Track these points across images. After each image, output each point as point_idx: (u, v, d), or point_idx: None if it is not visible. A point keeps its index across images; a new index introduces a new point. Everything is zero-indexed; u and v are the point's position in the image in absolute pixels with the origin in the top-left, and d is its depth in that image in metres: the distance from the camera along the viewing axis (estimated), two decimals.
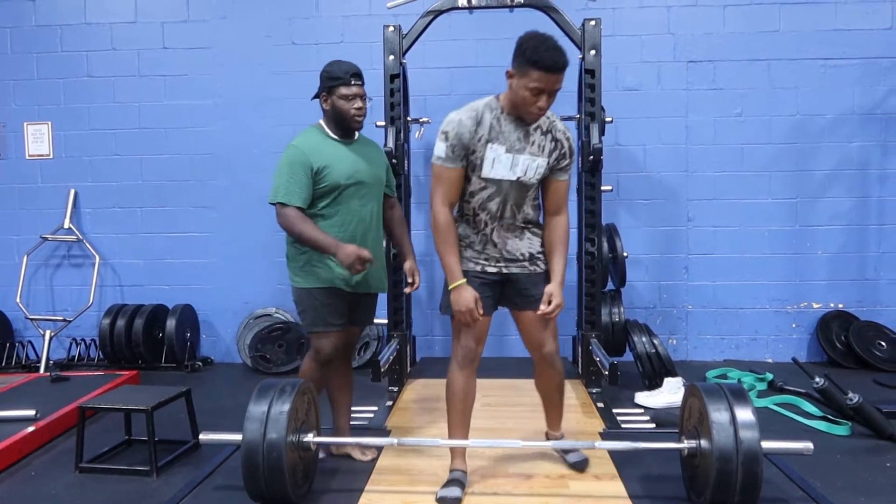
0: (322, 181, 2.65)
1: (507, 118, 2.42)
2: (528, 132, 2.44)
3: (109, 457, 3.07)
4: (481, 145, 2.41)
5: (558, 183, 2.55)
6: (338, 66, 2.74)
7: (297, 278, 2.77)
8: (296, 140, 2.72)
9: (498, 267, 2.56)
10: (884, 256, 4.71)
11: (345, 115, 2.71)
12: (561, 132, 2.51)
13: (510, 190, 2.48)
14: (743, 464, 2.15)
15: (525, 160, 2.44)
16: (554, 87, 2.30)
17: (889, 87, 4.63)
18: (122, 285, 4.99)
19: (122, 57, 4.88)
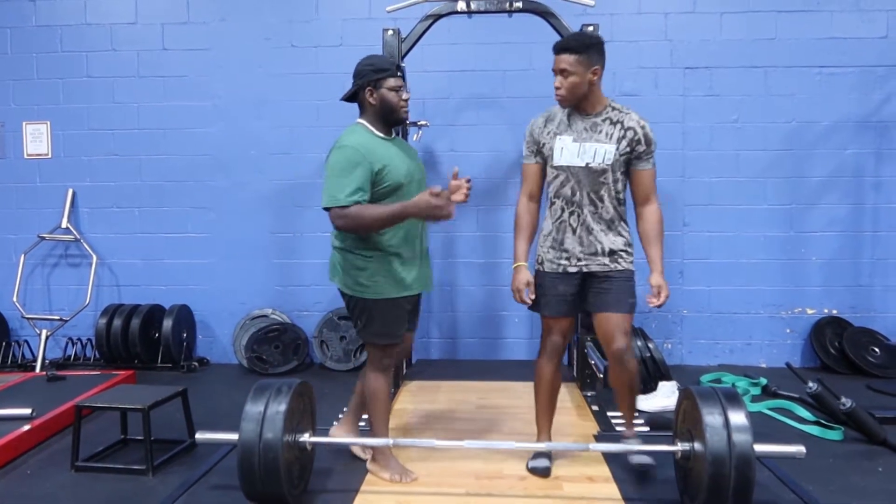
0: (383, 181, 2.53)
1: (577, 114, 2.67)
2: (595, 123, 2.65)
3: (105, 456, 3.08)
4: (550, 138, 2.68)
5: (641, 172, 2.67)
6: (380, 59, 2.67)
7: (360, 288, 2.61)
8: (346, 140, 2.56)
9: (578, 266, 2.69)
10: (878, 263, 4.74)
11: (394, 107, 2.62)
12: (635, 122, 2.65)
13: (581, 176, 2.64)
14: (736, 467, 2.17)
15: (591, 147, 2.62)
16: (559, 67, 2.57)
17: (884, 96, 4.66)
18: (120, 285, 4.99)
19: (122, 58, 4.89)
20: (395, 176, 2.55)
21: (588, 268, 2.69)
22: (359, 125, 2.67)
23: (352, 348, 4.71)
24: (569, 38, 2.62)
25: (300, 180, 4.88)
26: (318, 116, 4.85)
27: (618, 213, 2.69)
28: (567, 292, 2.72)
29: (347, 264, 2.64)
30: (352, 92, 2.67)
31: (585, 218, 2.67)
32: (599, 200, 2.66)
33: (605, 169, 2.61)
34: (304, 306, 4.93)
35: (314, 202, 4.88)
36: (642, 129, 2.64)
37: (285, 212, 4.90)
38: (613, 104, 2.70)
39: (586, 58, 2.57)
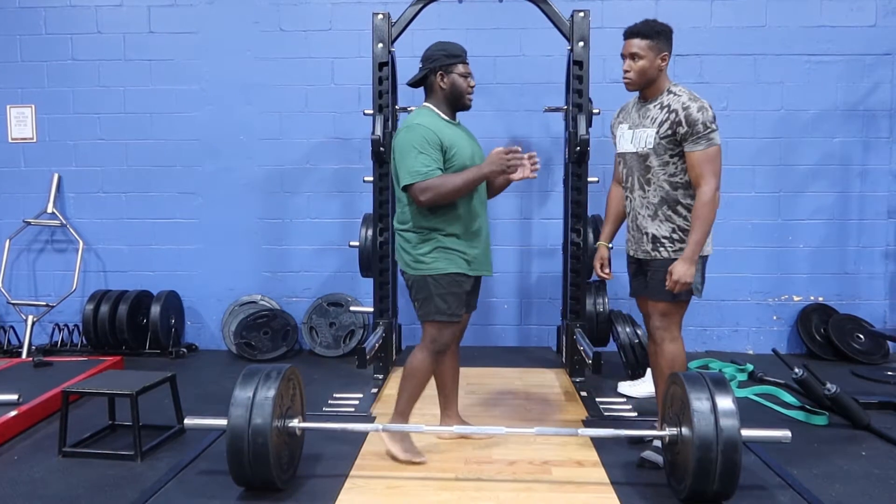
0: (451, 161, 2.63)
1: (639, 102, 2.78)
2: (648, 109, 2.71)
3: (93, 441, 3.07)
4: (616, 127, 2.87)
5: (687, 155, 2.62)
6: (451, 45, 2.74)
7: (420, 265, 2.67)
8: (416, 119, 2.66)
9: (634, 249, 2.82)
10: (863, 251, 4.78)
11: (463, 92, 2.71)
12: (679, 104, 2.60)
13: (633, 162, 2.74)
14: (723, 452, 2.19)
15: (641, 132, 2.70)
16: (629, 51, 2.67)
17: (871, 84, 4.69)
18: (106, 271, 4.95)
19: (108, 40, 4.82)
20: (461, 158, 2.65)
21: (636, 253, 2.80)
22: (426, 108, 2.76)
23: (341, 334, 4.70)
24: (640, 24, 2.71)
25: (289, 166, 4.85)
26: (308, 102, 4.82)
27: (671, 198, 2.67)
28: (632, 273, 2.89)
29: (408, 243, 2.70)
30: (422, 75, 2.74)
31: (635, 202, 2.78)
32: (647, 184, 2.71)
33: (648, 153, 2.66)
34: (293, 292, 4.92)
35: (303, 188, 4.88)
36: (685, 111, 2.57)
37: (274, 197, 4.87)
38: (672, 88, 2.69)
39: (656, 43, 2.66)
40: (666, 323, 2.72)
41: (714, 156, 2.58)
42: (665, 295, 2.67)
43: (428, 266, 2.66)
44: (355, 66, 4.73)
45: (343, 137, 4.83)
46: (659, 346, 2.76)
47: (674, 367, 2.69)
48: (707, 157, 2.57)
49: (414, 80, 2.78)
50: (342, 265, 4.87)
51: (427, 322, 2.72)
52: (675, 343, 2.74)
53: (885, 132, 4.73)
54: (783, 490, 2.51)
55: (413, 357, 2.76)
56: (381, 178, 3.99)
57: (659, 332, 2.75)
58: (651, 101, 2.71)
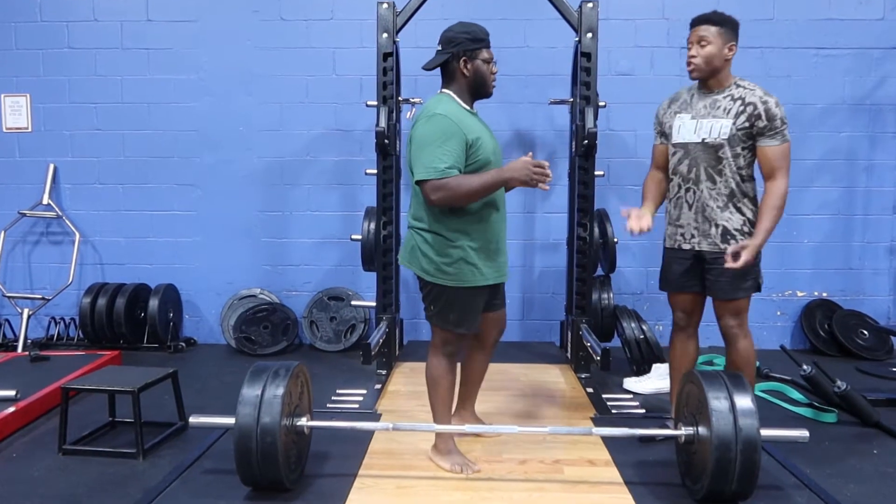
0: (475, 155, 2.42)
1: (700, 93, 2.75)
2: (716, 100, 2.68)
3: (93, 439, 3.01)
4: (671, 117, 2.80)
5: (762, 149, 2.62)
6: (474, 27, 2.52)
7: (441, 275, 2.47)
8: (437, 108, 2.42)
9: (691, 243, 2.76)
10: (868, 246, 4.76)
11: (486, 79, 2.53)
12: (757, 97, 2.62)
13: (698, 153, 2.70)
14: (742, 452, 2.16)
15: (708, 123, 2.66)
16: (698, 35, 2.66)
17: (879, 78, 4.65)
18: (103, 263, 4.87)
19: (104, 28, 4.72)
20: (485, 151, 2.46)
21: (699, 246, 2.74)
22: (445, 95, 2.54)
23: (342, 329, 4.64)
24: (710, 12, 2.69)
25: (289, 158, 4.78)
26: (308, 93, 4.74)
27: (740, 190, 2.68)
28: (680, 269, 2.82)
29: (429, 248, 2.49)
30: (443, 60, 2.52)
31: (702, 194, 2.72)
32: (719, 175, 2.68)
33: (722, 144, 2.63)
34: (293, 286, 4.85)
35: (304, 180, 4.81)
36: (764, 105, 2.59)
37: (274, 190, 4.80)
38: (740, 82, 2.71)
39: (725, 31, 2.65)
40: (739, 320, 2.74)
41: (787, 152, 2.63)
42: (741, 292, 2.68)
43: (450, 278, 2.47)
44: (357, 57, 4.65)
45: (344, 129, 4.76)
46: (734, 344, 2.75)
47: (750, 362, 2.75)
48: (783, 153, 2.61)
49: (434, 64, 2.53)
50: (343, 259, 4.81)
51: (439, 328, 2.59)
52: (748, 339, 2.77)
53: (891, 127, 4.69)
54: (799, 490, 2.48)
55: (429, 365, 2.62)
56: (385, 171, 3.92)
57: (733, 330, 2.74)
58: (718, 93, 2.68)
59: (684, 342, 2.93)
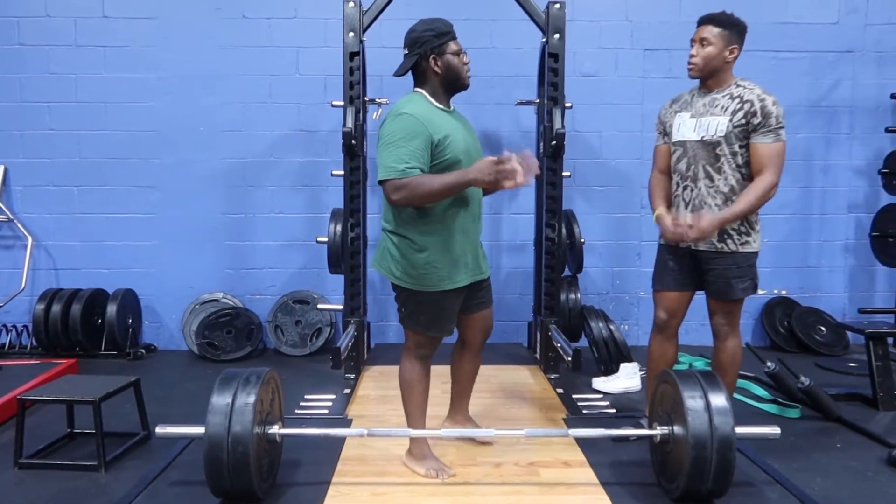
0: (444, 154, 2.35)
1: (700, 92, 2.77)
2: (715, 99, 2.70)
3: (51, 451, 2.89)
4: (671, 116, 2.82)
5: (756, 146, 2.62)
6: (436, 22, 2.44)
7: (409, 279, 2.42)
8: (405, 108, 2.35)
9: (687, 241, 2.71)
10: (825, 245, 4.89)
11: (459, 72, 2.44)
12: (755, 95, 2.63)
13: (697, 150, 2.70)
14: (717, 450, 2.18)
15: (706, 120, 2.68)
16: (700, 36, 2.68)
17: (833, 81, 4.78)
18: (58, 269, 4.70)
19: (58, 25, 4.55)
20: (454, 149, 2.38)
21: (696, 245, 2.73)
22: (416, 94, 2.47)
23: (308, 333, 4.57)
24: (719, 13, 2.70)
25: (252, 159, 4.68)
26: (271, 92, 4.65)
27: (740, 188, 2.67)
28: (674, 267, 2.82)
29: (397, 251, 2.44)
30: (412, 63, 2.45)
31: (700, 192, 2.72)
32: (718, 173, 2.68)
33: (719, 141, 2.64)
34: (257, 290, 4.76)
35: (267, 181, 4.72)
36: (760, 102, 2.61)
37: (237, 191, 4.70)
38: (741, 82, 2.72)
39: (728, 34, 2.67)
40: (731, 319, 2.77)
41: (781, 151, 2.62)
42: (738, 292, 2.70)
43: (417, 282, 2.43)
44: (322, 56, 4.59)
45: (309, 129, 4.68)
46: (723, 342, 2.78)
47: (735, 362, 2.79)
48: (775, 151, 2.61)
49: (404, 70, 2.48)
50: (308, 261, 4.73)
51: (410, 331, 2.54)
52: (738, 338, 2.81)
53: (845, 128, 4.83)
54: (771, 486, 2.52)
55: (402, 368, 2.58)
56: (352, 172, 3.87)
57: (724, 329, 2.77)
58: (717, 92, 2.70)
59: (663, 343, 2.93)
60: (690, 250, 2.77)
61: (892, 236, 4.37)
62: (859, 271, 4.92)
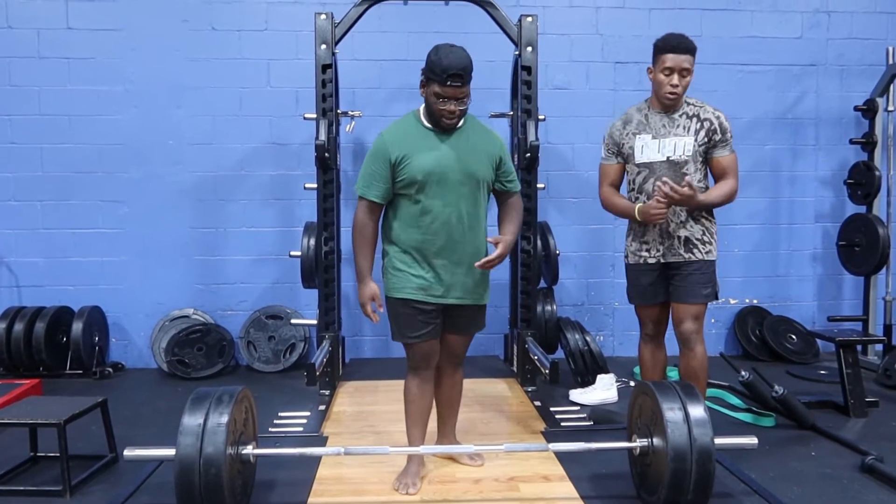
0: (401, 173, 2.45)
1: (654, 112, 2.82)
2: (673, 119, 2.78)
3: (13, 476, 2.79)
4: (630, 138, 2.83)
5: (717, 159, 2.79)
6: (442, 60, 2.35)
7: (384, 281, 2.58)
8: (390, 126, 2.55)
9: (656, 257, 2.84)
10: (793, 254, 4.96)
11: (434, 111, 2.44)
12: (710, 113, 2.79)
13: (663, 170, 2.76)
14: (697, 461, 2.17)
15: (671, 141, 2.75)
16: (682, 66, 2.69)
17: (799, 93, 4.88)
18: (20, 286, 4.56)
19: (20, 36, 4.44)
20: (411, 169, 2.43)
21: (665, 258, 2.83)
22: (413, 111, 2.57)
23: (281, 349, 4.49)
24: (688, 40, 2.74)
25: (223, 172, 4.61)
26: (242, 105, 4.59)
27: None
28: (648, 282, 2.90)
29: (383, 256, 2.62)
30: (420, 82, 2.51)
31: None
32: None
33: (686, 160, 2.75)
34: (228, 305, 4.67)
35: (238, 195, 4.65)
36: (717, 119, 2.78)
37: (207, 206, 4.62)
38: (688, 100, 2.83)
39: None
40: (698, 325, 2.84)
41: (736, 160, 2.83)
42: (701, 297, 2.80)
43: (386, 287, 2.56)
44: (293, 69, 4.55)
45: (280, 143, 4.63)
46: (692, 349, 2.85)
47: (705, 367, 2.87)
48: (733, 161, 2.82)
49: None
50: (280, 276, 4.67)
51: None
52: (704, 345, 2.90)
53: (811, 140, 4.92)
54: (749, 496, 2.52)
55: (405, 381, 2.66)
56: (326, 185, 3.83)
57: (693, 336, 2.84)
58: (674, 112, 2.79)
59: (653, 351, 3.04)
60: (660, 264, 2.86)
61: (857, 245, 4.46)
62: (827, 280, 5.00)
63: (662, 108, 2.80)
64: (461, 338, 2.68)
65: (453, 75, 2.35)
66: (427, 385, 2.61)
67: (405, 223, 2.51)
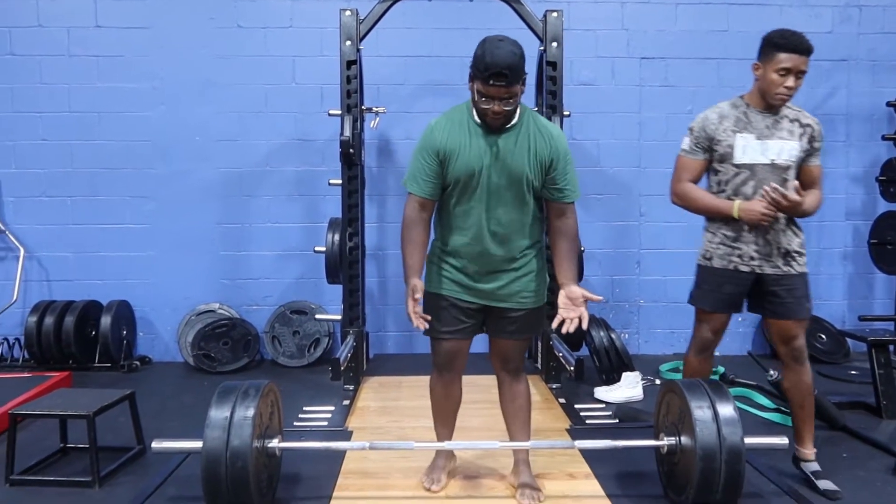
0: (448, 169, 2.28)
1: (754, 111, 2.59)
2: (776, 121, 2.57)
3: (44, 467, 2.83)
4: (728, 135, 2.57)
5: (811, 168, 2.62)
6: (486, 56, 2.12)
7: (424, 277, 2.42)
8: (436, 119, 2.34)
9: (751, 266, 2.58)
10: (823, 252, 4.87)
11: (477, 107, 2.23)
12: (810, 119, 2.61)
13: (766, 174, 2.55)
14: (726, 461, 2.14)
15: (776, 144, 2.55)
16: (800, 69, 2.48)
17: (829, 89, 4.79)
18: (50, 280, 4.64)
19: (50, 34, 4.51)
20: (455, 168, 2.26)
21: (761, 269, 2.59)
22: (466, 102, 2.33)
23: (305, 343, 4.52)
24: (806, 38, 2.51)
25: (248, 168, 4.64)
26: (267, 102, 4.62)
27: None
28: (733, 292, 2.64)
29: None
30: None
31: None
32: None
33: (789, 165, 2.56)
34: (254, 300, 4.70)
35: (264, 191, 4.68)
36: (817, 126, 2.61)
37: (233, 201, 4.65)
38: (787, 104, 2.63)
39: None
40: (804, 340, 2.63)
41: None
42: (806, 312, 2.61)
43: (426, 279, 2.41)
44: (318, 65, 4.57)
45: (305, 139, 4.65)
46: (804, 364, 2.64)
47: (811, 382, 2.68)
48: (821, 172, 2.67)
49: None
50: (305, 271, 4.69)
51: None
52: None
53: (841, 136, 4.83)
54: (779, 497, 2.48)
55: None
56: (350, 181, 3.84)
57: (803, 352, 2.62)
58: (774, 113, 2.58)
59: (703, 362, 2.79)
60: (755, 274, 2.61)
61: (890, 243, 4.37)
62: (858, 278, 4.91)
63: (765, 107, 2.57)
64: (510, 342, 2.46)
65: (496, 74, 2.11)
66: (453, 386, 2.51)
67: (448, 224, 2.37)
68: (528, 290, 2.42)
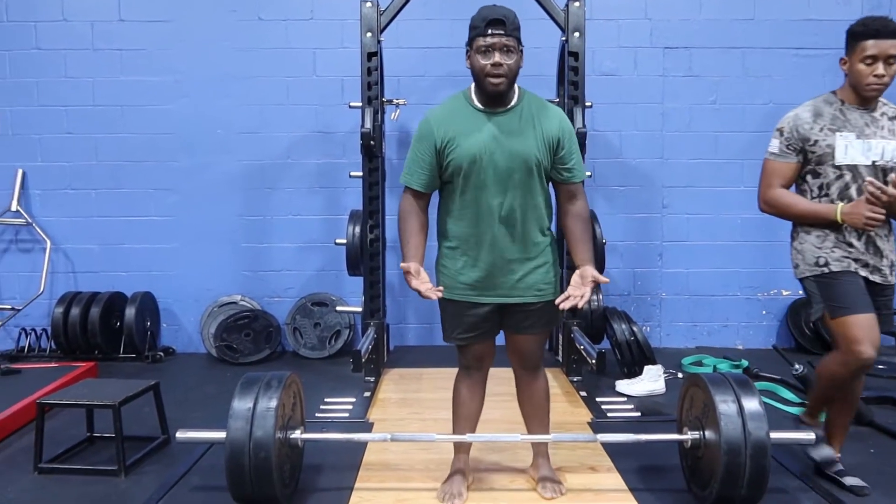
0: (449, 156, 2.20)
1: (850, 107, 2.41)
2: (875, 118, 2.40)
3: (71, 456, 2.88)
4: (826, 135, 2.38)
5: None
6: (481, 11, 2.15)
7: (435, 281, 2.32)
8: (432, 109, 2.28)
9: (866, 271, 2.40)
10: None
11: (479, 73, 2.14)
12: None
13: (868, 176, 2.34)
14: (751, 456, 2.11)
15: (878, 144, 2.37)
16: (889, 53, 2.29)
17: None
18: (76, 272, 4.70)
19: (74, 28, 4.56)
20: (457, 154, 2.19)
21: (872, 276, 2.40)
22: (463, 90, 2.28)
23: (326, 335, 4.54)
24: (891, 21, 2.32)
25: (270, 161, 4.66)
26: (289, 94, 4.63)
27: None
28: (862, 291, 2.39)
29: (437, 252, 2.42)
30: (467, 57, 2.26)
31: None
32: None
33: (893, 167, 2.36)
34: (275, 292, 4.73)
35: (285, 183, 4.69)
36: None
37: (254, 194, 4.68)
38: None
39: None
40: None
41: None
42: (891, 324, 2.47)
43: (437, 284, 2.32)
44: (338, 57, 4.57)
45: (326, 131, 4.66)
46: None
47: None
48: None
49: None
50: (326, 263, 4.71)
51: None
52: None
53: None
54: (805, 493, 2.45)
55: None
56: (371, 174, 3.84)
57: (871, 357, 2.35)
58: (870, 109, 2.40)
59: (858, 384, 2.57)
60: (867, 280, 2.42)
61: None
62: None
63: (861, 102, 2.38)
64: (528, 338, 2.37)
65: (494, 21, 2.10)
66: (478, 387, 2.45)
67: (453, 216, 2.27)
68: (544, 282, 2.31)
